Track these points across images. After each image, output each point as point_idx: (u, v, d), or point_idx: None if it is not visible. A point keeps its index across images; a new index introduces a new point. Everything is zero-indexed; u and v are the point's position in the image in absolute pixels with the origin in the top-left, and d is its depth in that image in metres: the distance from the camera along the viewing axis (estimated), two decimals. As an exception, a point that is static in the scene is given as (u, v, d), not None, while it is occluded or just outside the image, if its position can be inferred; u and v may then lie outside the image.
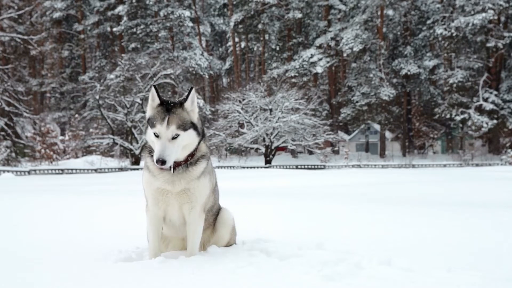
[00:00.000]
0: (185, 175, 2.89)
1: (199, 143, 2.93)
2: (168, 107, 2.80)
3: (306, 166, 32.82)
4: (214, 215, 3.30)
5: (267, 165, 32.28)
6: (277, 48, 47.04)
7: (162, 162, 2.69)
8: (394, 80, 45.61)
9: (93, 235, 4.00)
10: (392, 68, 45.69)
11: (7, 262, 3.01)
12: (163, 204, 2.96)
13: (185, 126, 2.80)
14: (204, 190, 2.99)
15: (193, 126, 2.85)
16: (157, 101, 2.83)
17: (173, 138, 2.77)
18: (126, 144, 30.43)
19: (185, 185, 2.90)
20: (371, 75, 41.64)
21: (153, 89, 2.84)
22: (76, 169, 25.42)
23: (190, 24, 45.58)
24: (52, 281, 2.57)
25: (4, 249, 3.40)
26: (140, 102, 30.38)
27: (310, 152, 40.64)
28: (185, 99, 2.86)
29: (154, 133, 2.77)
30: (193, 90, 2.89)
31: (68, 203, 6.18)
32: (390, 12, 43.53)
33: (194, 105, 2.88)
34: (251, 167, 30.01)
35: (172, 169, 2.85)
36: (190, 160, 2.91)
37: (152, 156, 2.87)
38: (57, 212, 5.38)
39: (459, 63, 40.63)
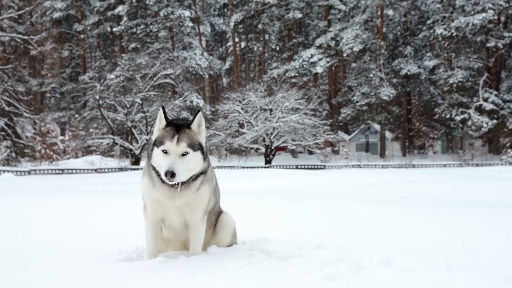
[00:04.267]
0: (186, 190, 2.85)
1: (203, 167, 2.89)
2: (177, 127, 2.77)
3: (306, 166, 32.82)
4: (215, 214, 3.30)
5: (267, 165, 32.28)
6: (277, 48, 47.05)
7: (171, 174, 2.61)
8: (394, 80, 45.63)
9: (93, 235, 4.00)
10: (392, 68, 45.70)
11: (7, 263, 3.01)
12: (161, 212, 2.95)
13: (194, 145, 2.76)
14: (204, 198, 2.97)
15: (201, 148, 2.81)
16: (164, 122, 2.79)
17: (183, 155, 2.72)
18: (126, 144, 30.43)
19: (186, 199, 2.87)
20: (371, 75, 41.66)
21: (161, 110, 2.79)
22: (76, 169, 25.41)
23: (190, 24, 45.61)
24: (52, 281, 2.57)
25: (4, 249, 3.40)
26: (140, 102, 30.38)
27: (310, 152, 40.65)
28: (192, 121, 2.83)
29: (163, 150, 2.70)
30: (200, 113, 2.85)
31: (68, 203, 6.18)
32: (390, 12, 43.57)
33: (201, 128, 2.84)
34: (251, 167, 30.01)
35: (179, 186, 2.80)
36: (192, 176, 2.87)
37: (155, 170, 2.83)
38: (57, 212, 5.38)
39: (459, 63, 40.64)
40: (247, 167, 30.02)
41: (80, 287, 2.48)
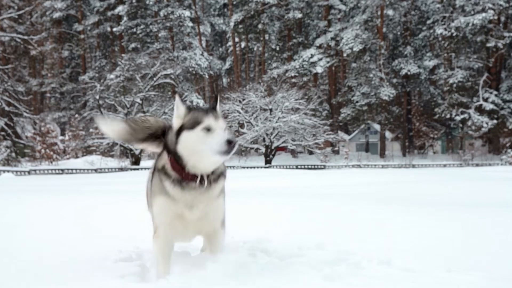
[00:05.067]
0: (206, 195, 2.61)
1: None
2: (202, 109, 2.66)
3: (306, 166, 32.82)
4: None
5: (267, 165, 32.29)
6: (277, 48, 47.06)
7: (233, 143, 2.46)
8: (394, 80, 45.63)
9: (92, 235, 4.00)
10: (392, 68, 45.70)
11: (7, 262, 3.01)
12: (176, 231, 2.67)
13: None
14: (221, 209, 2.79)
15: None
16: (183, 108, 2.64)
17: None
18: (126, 144, 30.43)
19: (204, 208, 2.63)
20: (371, 75, 41.66)
21: (177, 98, 2.65)
22: (76, 169, 25.42)
23: (190, 24, 45.61)
24: (52, 281, 2.57)
25: (4, 249, 3.40)
26: (140, 102, 30.38)
27: (310, 152, 40.66)
28: (215, 105, 2.71)
29: (205, 128, 2.52)
30: (218, 97, 2.74)
31: (68, 203, 6.18)
32: (390, 12, 43.56)
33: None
34: (251, 167, 30.01)
35: (205, 181, 2.57)
36: (213, 175, 2.64)
37: (169, 177, 2.58)
38: (57, 212, 5.38)
39: (459, 63, 40.65)
40: (247, 167, 30.01)
41: (79, 287, 2.47)
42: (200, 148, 2.51)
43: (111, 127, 2.90)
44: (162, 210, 2.63)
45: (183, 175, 2.56)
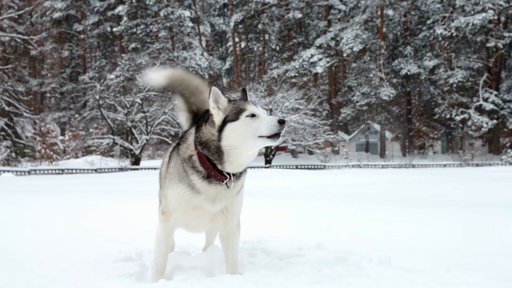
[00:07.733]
0: (229, 191, 2.59)
1: None
2: (241, 99, 2.66)
3: (306, 166, 32.81)
4: None
5: (267, 165, 32.28)
6: (277, 48, 47.04)
7: (285, 122, 2.46)
8: (394, 80, 45.61)
9: (92, 235, 3.99)
10: (392, 68, 45.69)
11: (6, 263, 3.01)
12: (190, 219, 2.65)
13: None
14: (241, 203, 2.76)
15: None
16: (225, 100, 2.56)
17: None
18: (126, 144, 30.42)
19: (225, 203, 2.62)
20: (371, 75, 41.66)
21: (216, 90, 2.56)
22: (76, 169, 25.42)
23: (190, 24, 45.63)
24: (52, 281, 2.57)
25: (4, 249, 3.40)
26: (140, 102, 30.37)
27: (310, 152, 40.64)
28: (246, 97, 2.73)
29: (251, 114, 2.47)
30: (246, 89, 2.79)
31: (67, 203, 6.18)
32: (390, 12, 43.55)
33: None
34: (251, 167, 29.99)
35: (232, 182, 2.56)
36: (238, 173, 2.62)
37: (197, 171, 2.54)
38: (57, 213, 5.38)
39: (459, 63, 40.65)
40: (247, 167, 29.97)
41: (79, 286, 2.47)
42: (250, 135, 2.47)
43: (162, 75, 3.11)
44: (179, 199, 2.58)
45: (212, 174, 2.52)
